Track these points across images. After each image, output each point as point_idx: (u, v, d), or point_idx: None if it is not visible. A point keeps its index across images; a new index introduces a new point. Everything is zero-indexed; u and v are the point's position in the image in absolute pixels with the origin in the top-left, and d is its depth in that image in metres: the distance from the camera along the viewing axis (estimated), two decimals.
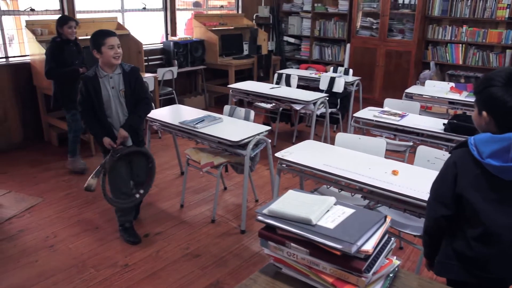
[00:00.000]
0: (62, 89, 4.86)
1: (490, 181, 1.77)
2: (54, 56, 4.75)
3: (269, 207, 1.50)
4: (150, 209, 4.23)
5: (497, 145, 1.72)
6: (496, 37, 7.27)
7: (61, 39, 4.80)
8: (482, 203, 1.79)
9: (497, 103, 1.74)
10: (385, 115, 4.23)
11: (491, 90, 1.75)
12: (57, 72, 4.79)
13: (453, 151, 1.94)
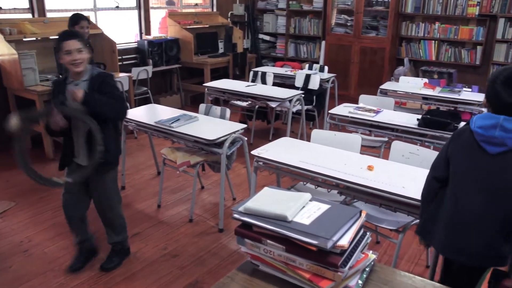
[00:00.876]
0: None
1: (476, 151, 2.04)
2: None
3: (244, 205, 1.50)
4: (127, 210, 4.17)
5: (489, 121, 2.01)
6: (467, 33, 7.40)
7: None
8: (463, 170, 2.09)
9: (495, 97, 2.03)
10: (360, 111, 4.26)
11: (493, 86, 2.03)
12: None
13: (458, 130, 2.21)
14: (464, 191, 2.07)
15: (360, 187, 2.71)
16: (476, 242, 2.07)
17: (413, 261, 3.49)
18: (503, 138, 1.96)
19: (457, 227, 2.10)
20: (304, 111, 5.57)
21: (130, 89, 6.18)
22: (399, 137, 4.02)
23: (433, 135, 3.91)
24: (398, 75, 7.29)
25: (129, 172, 4.98)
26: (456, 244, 2.12)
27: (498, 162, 2.00)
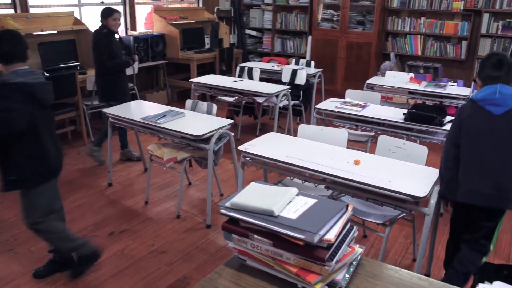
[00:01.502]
0: (107, 82, 4.86)
1: (483, 115, 2.58)
2: (105, 48, 4.71)
3: (231, 200, 1.49)
4: (114, 206, 4.16)
5: (488, 90, 2.60)
6: (453, 28, 7.45)
7: (107, 30, 4.76)
8: (475, 131, 2.61)
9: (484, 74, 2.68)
10: (346, 106, 4.27)
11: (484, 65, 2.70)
12: (111, 64, 4.77)
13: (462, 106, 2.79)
14: (477, 146, 2.59)
15: (346, 182, 2.72)
16: (488, 184, 2.55)
17: (400, 255, 3.52)
18: (503, 99, 2.54)
19: (472, 174, 2.60)
20: (291, 106, 5.58)
21: None
22: (386, 131, 4.03)
23: (419, 129, 3.93)
24: (384, 69, 7.33)
25: (116, 169, 4.95)
26: (472, 188, 2.59)
27: (503, 119, 2.54)
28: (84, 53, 6.20)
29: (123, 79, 5.03)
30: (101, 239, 3.63)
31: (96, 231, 3.74)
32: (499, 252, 3.59)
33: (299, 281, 1.40)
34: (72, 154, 5.39)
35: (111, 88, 4.91)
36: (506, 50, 7.08)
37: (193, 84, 5.71)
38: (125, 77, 5.11)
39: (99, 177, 4.77)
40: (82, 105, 5.66)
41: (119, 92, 4.92)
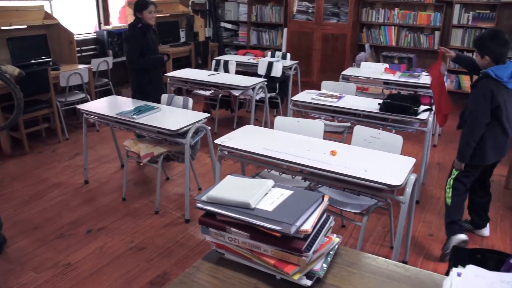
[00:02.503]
0: (140, 78, 4.70)
1: (505, 91, 3.11)
2: (138, 44, 4.54)
3: (207, 194, 1.49)
4: (91, 204, 4.12)
5: (507, 70, 3.09)
6: (425, 19, 7.54)
7: (142, 24, 4.57)
8: (502, 107, 3.10)
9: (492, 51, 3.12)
10: (322, 98, 4.29)
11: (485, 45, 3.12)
12: (143, 61, 4.59)
13: (479, 83, 3.16)
14: (506, 117, 3.15)
15: (323, 172, 2.73)
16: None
17: (378, 243, 3.57)
18: None
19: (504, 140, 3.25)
20: (267, 98, 5.58)
21: (90, 81, 6.05)
22: (361, 122, 4.07)
23: (394, 119, 3.97)
24: (359, 60, 7.37)
25: (92, 166, 4.89)
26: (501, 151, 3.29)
27: None
28: (56, 48, 6.10)
29: (156, 75, 4.84)
30: (78, 237, 3.59)
31: (73, 230, 3.69)
32: (473, 238, 3.66)
33: (277, 272, 1.41)
34: (47, 152, 5.31)
35: (144, 85, 4.73)
36: None
37: (169, 78, 5.66)
38: (159, 73, 4.92)
39: (75, 174, 4.71)
40: (55, 101, 5.57)
41: (152, 89, 4.74)
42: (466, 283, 1.28)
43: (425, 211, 4.05)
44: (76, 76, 5.74)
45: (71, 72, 5.66)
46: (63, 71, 5.62)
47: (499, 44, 3.10)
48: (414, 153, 5.27)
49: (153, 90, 4.73)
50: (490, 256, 2.42)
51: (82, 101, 5.60)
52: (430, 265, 3.30)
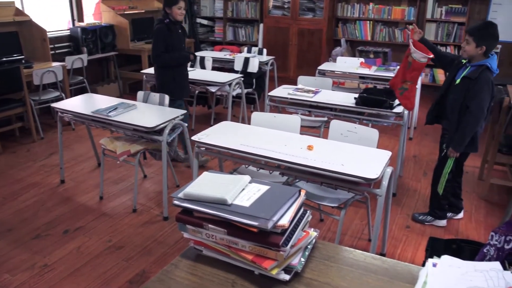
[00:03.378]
0: (165, 76, 4.57)
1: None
2: (164, 39, 4.39)
3: (184, 191, 1.48)
4: (68, 204, 4.06)
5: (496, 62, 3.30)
6: (400, 13, 7.62)
7: (169, 20, 4.42)
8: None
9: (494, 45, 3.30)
10: (299, 93, 4.31)
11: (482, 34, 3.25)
12: (167, 57, 4.46)
13: (482, 75, 3.24)
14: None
15: (300, 167, 2.74)
16: None
17: (356, 236, 3.60)
18: None
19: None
20: (244, 94, 5.58)
21: (65, 78, 5.96)
22: (338, 116, 4.09)
23: (370, 113, 4.01)
24: (335, 55, 7.42)
25: (68, 165, 4.83)
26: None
27: None
28: (29, 46, 5.99)
29: (181, 73, 4.71)
30: (55, 238, 3.54)
31: (49, 230, 3.64)
32: (449, 228, 3.73)
33: (255, 267, 1.41)
34: (21, 152, 5.22)
35: (168, 83, 4.60)
36: (450, 34, 7.31)
37: (145, 75, 5.61)
38: (185, 71, 4.79)
39: (50, 174, 4.64)
40: (29, 100, 5.47)
41: (175, 86, 4.62)
42: (441, 273, 1.30)
43: (402, 203, 4.10)
44: (50, 74, 5.65)
45: (44, 70, 5.57)
46: (36, 69, 5.53)
47: (495, 38, 3.26)
48: (390, 146, 5.33)
49: (177, 88, 4.64)
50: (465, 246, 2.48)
51: (56, 100, 5.52)
52: (408, 256, 3.35)
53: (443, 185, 3.57)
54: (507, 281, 1.22)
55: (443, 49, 7.33)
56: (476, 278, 1.25)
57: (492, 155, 4.10)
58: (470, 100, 3.27)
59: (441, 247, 2.54)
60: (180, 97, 4.62)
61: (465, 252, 2.43)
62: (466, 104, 3.30)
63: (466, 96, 3.29)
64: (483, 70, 3.24)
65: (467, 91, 3.29)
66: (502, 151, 4.01)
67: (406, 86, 3.79)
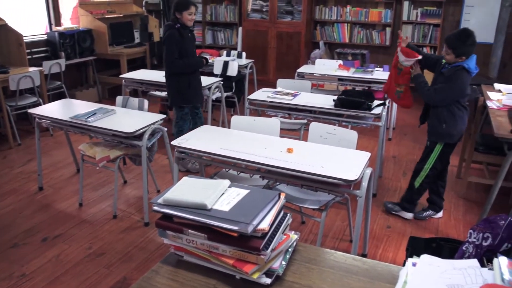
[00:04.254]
0: (179, 83, 4.49)
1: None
2: (176, 45, 4.32)
3: (163, 196, 1.48)
4: (46, 211, 4.01)
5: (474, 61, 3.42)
6: (377, 16, 7.71)
7: (180, 25, 4.35)
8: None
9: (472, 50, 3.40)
10: (278, 95, 4.32)
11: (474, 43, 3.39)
12: (182, 64, 4.39)
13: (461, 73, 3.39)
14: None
15: (281, 170, 2.75)
16: None
17: (337, 238, 3.63)
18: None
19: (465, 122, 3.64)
20: (224, 98, 5.57)
21: (42, 84, 5.88)
22: (318, 118, 4.12)
23: (349, 114, 4.04)
24: (314, 58, 7.47)
25: (47, 172, 4.76)
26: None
27: None
28: (4, 51, 5.90)
29: (196, 79, 4.65)
30: (34, 246, 3.48)
31: (28, 238, 3.58)
32: (428, 227, 3.77)
33: (236, 272, 1.41)
34: None
35: (184, 89, 4.53)
36: (426, 36, 7.42)
37: (124, 80, 5.57)
38: (199, 76, 4.72)
39: (28, 181, 4.58)
40: (5, 106, 5.39)
41: (192, 93, 4.57)
42: (421, 272, 1.32)
43: (382, 204, 4.14)
44: (27, 79, 5.57)
45: (21, 75, 5.49)
46: (13, 74, 5.44)
47: (473, 45, 3.39)
48: (369, 147, 5.38)
49: (194, 95, 4.60)
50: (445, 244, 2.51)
51: (34, 105, 5.44)
52: (389, 256, 3.38)
53: (421, 179, 3.72)
54: (485, 278, 1.24)
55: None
56: (454, 276, 1.27)
57: (469, 154, 4.17)
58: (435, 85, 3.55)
59: (421, 246, 2.57)
60: (195, 103, 4.60)
61: (445, 250, 2.46)
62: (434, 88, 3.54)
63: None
64: (459, 70, 3.40)
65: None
66: (478, 150, 4.07)
67: (401, 89, 3.92)
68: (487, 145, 4.06)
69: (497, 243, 1.82)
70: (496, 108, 3.94)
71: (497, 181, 3.51)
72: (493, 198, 3.55)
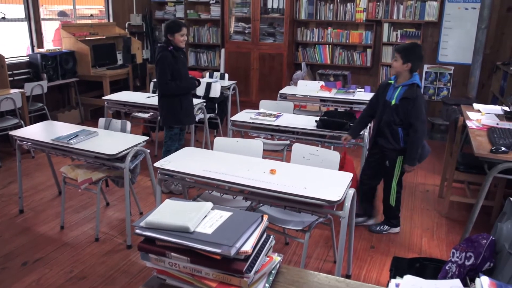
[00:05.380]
0: (172, 104, 4.48)
1: None
2: (169, 67, 4.30)
3: (146, 219, 1.47)
4: (27, 234, 3.94)
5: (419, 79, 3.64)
6: (358, 37, 7.84)
7: (173, 47, 4.35)
8: None
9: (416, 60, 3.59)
10: (261, 117, 4.35)
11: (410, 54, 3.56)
12: (175, 86, 4.38)
13: (418, 93, 3.55)
14: None
15: (263, 191, 2.76)
16: None
17: (321, 258, 3.62)
18: None
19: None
20: (207, 119, 5.59)
21: (24, 106, 5.84)
22: (300, 139, 4.15)
23: (331, 135, 4.09)
24: (296, 79, 7.54)
25: (28, 194, 4.70)
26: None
27: None
28: None
29: (188, 100, 4.66)
30: (13, 271, 3.42)
31: (7, 263, 3.51)
32: (412, 247, 3.80)
33: None
34: None
35: (176, 111, 4.53)
36: None
37: (106, 101, 5.56)
38: (191, 97, 4.73)
39: (8, 203, 4.51)
40: None
41: (184, 114, 4.58)
42: None
43: (367, 227, 4.16)
44: (8, 101, 5.53)
45: (2, 97, 5.45)
46: None
47: (420, 57, 3.65)
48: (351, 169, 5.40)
49: (186, 116, 4.62)
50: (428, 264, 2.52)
51: (15, 127, 5.39)
52: (373, 277, 3.39)
53: (394, 197, 3.82)
54: None
55: None
56: None
57: (451, 173, 4.22)
58: (414, 119, 3.57)
59: (405, 266, 2.58)
60: (188, 124, 4.62)
61: (429, 270, 2.47)
62: (408, 122, 3.60)
63: (408, 115, 3.59)
64: (416, 88, 3.58)
65: (406, 110, 3.58)
66: (459, 169, 4.13)
67: None
68: (467, 164, 4.12)
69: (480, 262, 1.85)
70: (476, 128, 4.01)
71: (478, 200, 3.56)
72: (474, 217, 3.60)
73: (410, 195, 4.82)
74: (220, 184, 2.93)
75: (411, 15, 7.40)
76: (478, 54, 6.58)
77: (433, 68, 7.54)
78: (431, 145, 4.21)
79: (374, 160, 3.92)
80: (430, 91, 7.63)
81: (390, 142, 3.71)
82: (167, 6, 9.13)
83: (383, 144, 3.77)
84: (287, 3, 7.86)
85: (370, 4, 7.59)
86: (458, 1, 7.18)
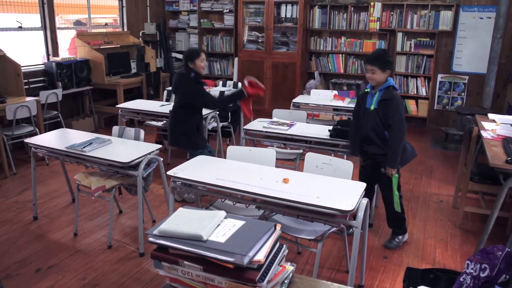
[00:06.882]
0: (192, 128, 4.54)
1: None
2: (203, 90, 4.40)
3: (159, 227, 1.48)
4: (41, 241, 3.97)
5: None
6: (371, 46, 7.83)
7: (195, 73, 4.38)
8: None
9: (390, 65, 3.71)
10: (274, 126, 4.35)
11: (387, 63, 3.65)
12: (226, 98, 4.51)
13: (395, 95, 3.61)
14: None
15: (276, 201, 2.75)
16: None
17: (334, 268, 3.60)
18: None
19: None
20: (220, 128, 5.60)
21: (39, 113, 5.91)
22: (313, 148, 4.14)
23: (344, 144, 4.07)
24: (309, 88, 7.54)
25: (42, 201, 4.74)
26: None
27: None
28: (2, 81, 5.93)
29: (202, 120, 4.72)
30: (27, 277, 3.44)
31: (21, 269, 3.54)
32: (425, 257, 3.75)
33: None
34: None
35: (195, 133, 4.55)
36: (419, 66, 7.53)
37: (120, 109, 5.61)
38: (203, 120, 4.80)
39: (23, 210, 4.55)
40: (1, 135, 5.39)
41: (200, 136, 4.65)
42: None
43: (379, 234, 4.13)
44: (24, 109, 5.60)
45: (18, 105, 5.52)
46: (10, 103, 5.47)
47: (392, 61, 3.84)
48: None
49: (201, 137, 4.68)
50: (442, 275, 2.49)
51: (30, 135, 5.45)
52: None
53: (398, 203, 3.78)
54: None
55: (413, 81, 7.57)
56: None
57: (465, 184, 4.18)
58: (391, 119, 3.59)
59: (418, 277, 2.56)
60: (204, 147, 4.59)
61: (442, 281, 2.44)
62: (388, 124, 3.62)
63: (386, 116, 3.62)
64: (392, 89, 3.64)
65: (385, 112, 3.60)
66: (474, 180, 4.09)
67: None
68: (482, 174, 4.08)
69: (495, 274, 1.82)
70: (491, 138, 3.98)
71: (494, 211, 3.52)
72: (489, 228, 3.55)
73: (423, 205, 4.78)
74: (233, 192, 2.93)
75: (425, 24, 7.38)
76: (493, 63, 6.53)
77: (447, 78, 7.50)
78: (446, 155, 4.18)
79: (369, 170, 3.89)
80: (444, 101, 7.59)
81: (381, 147, 3.69)
82: (181, 15, 9.21)
83: (374, 152, 3.75)
84: (300, 12, 7.88)
85: (384, 13, 7.59)
86: (473, 11, 7.15)
